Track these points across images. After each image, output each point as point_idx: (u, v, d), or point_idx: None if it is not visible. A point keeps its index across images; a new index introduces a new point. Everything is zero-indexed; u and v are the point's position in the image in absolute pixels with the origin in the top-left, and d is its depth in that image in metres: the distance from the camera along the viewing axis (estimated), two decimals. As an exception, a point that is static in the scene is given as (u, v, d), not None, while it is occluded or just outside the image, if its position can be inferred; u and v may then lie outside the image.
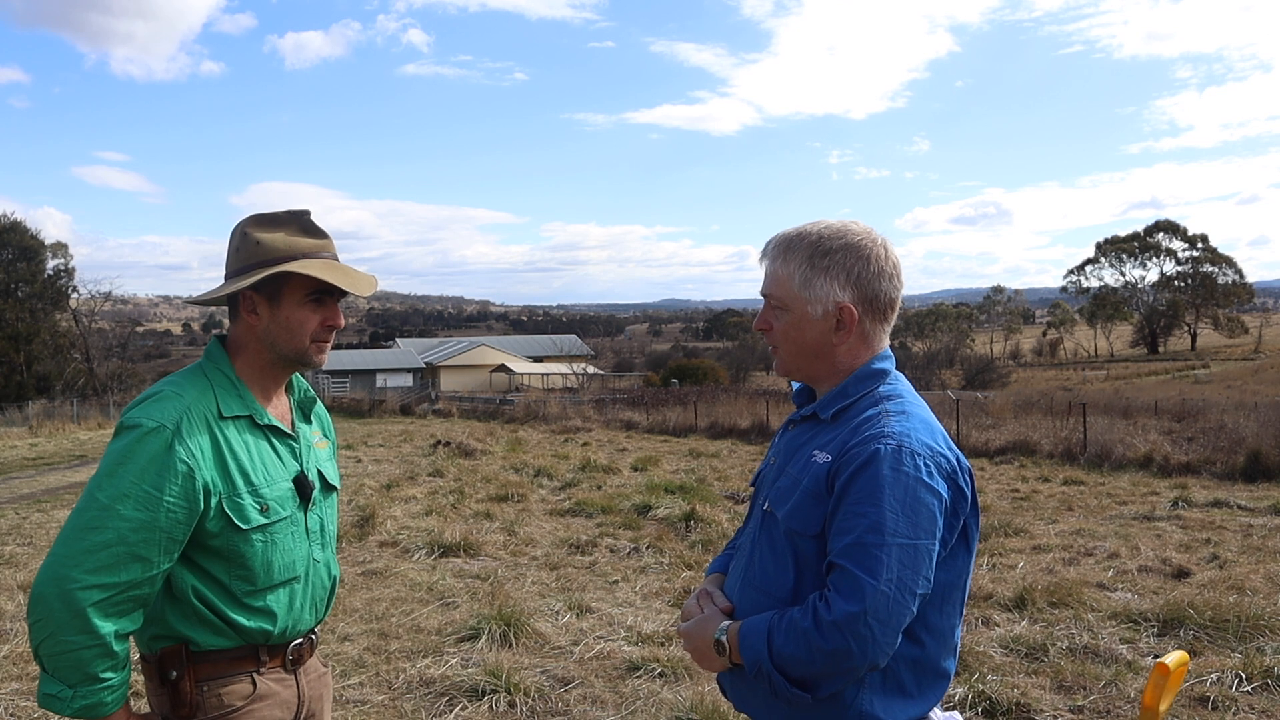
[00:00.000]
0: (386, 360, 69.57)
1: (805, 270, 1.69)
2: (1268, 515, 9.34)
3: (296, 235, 1.89)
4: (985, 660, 4.84)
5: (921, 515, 1.53)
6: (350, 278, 1.90)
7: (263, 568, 1.82)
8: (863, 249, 1.68)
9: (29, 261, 49.64)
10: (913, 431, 1.59)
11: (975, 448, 16.21)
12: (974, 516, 1.66)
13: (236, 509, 1.77)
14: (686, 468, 14.60)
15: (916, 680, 1.62)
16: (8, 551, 8.23)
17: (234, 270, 1.88)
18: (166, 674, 1.76)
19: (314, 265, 1.86)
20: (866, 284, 1.68)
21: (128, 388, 46.81)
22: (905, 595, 1.51)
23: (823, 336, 1.70)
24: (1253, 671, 4.49)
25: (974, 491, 1.65)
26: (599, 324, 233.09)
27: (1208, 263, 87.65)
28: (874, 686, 1.59)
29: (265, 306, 1.86)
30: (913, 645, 1.60)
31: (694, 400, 26.35)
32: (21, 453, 20.89)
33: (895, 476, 1.53)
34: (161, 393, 1.79)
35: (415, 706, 4.44)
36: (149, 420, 1.72)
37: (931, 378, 48.81)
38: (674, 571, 7.10)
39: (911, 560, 1.51)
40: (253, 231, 1.87)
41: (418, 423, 28.39)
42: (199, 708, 1.77)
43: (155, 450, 1.69)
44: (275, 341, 1.88)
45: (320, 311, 1.89)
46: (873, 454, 1.55)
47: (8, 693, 4.64)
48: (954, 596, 1.64)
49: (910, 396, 1.69)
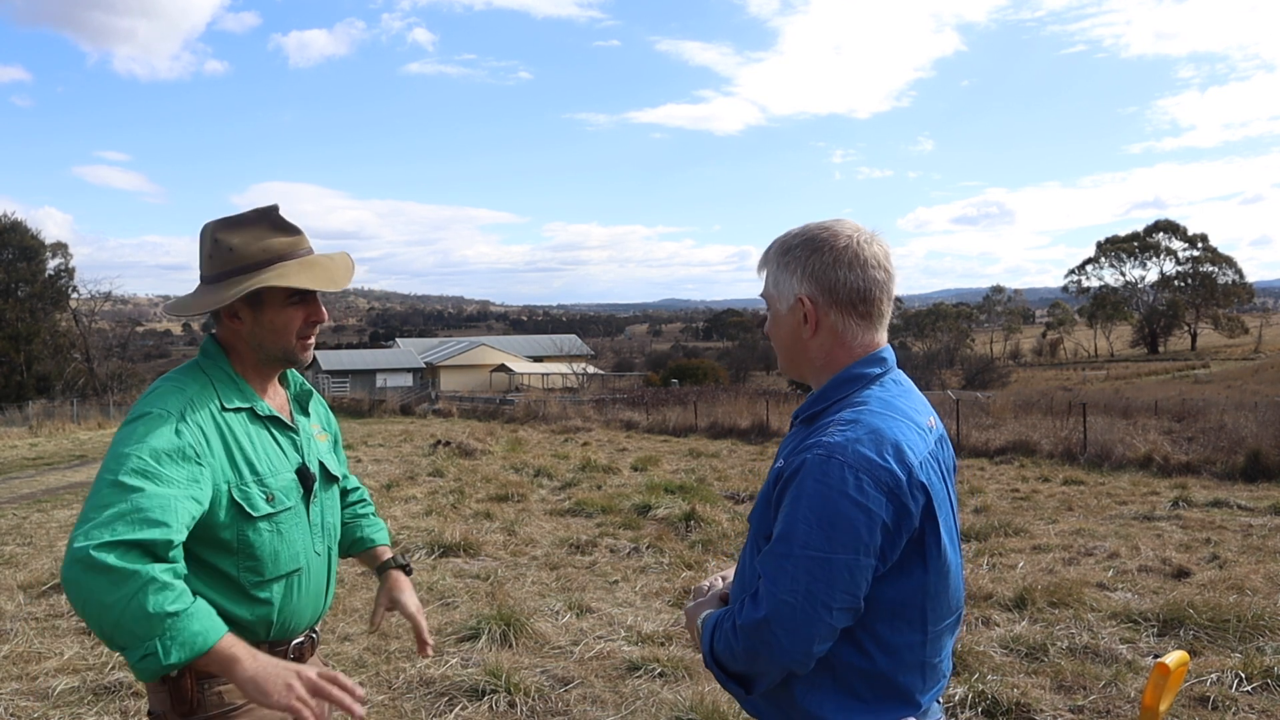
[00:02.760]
0: (386, 360, 69.54)
1: (774, 269, 1.73)
2: (1268, 515, 9.34)
3: (269, 235, 1.87)
4: (985, 660, 4.84)
5: (839, 529, 1.49)
6: (327, 272, 1.90)
7: (270, 558, 1.83)
8: (819, 241, 1.67)
9: (29, 261, 49.62)
10: (850, 443, 1.53)
11: (975, 448, 16.21)
12: (933, 530, 1.58)
13: (245, 497, 1.79)
14: (686, 468, 14.60)
15: (871, 690, 1.61)
16: (8, 551, 8.23)
17: (209, 276, 1.88)
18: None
19: (291, 269, 1.86)
20: (822, 274, 1.65)
21: (128, 388, 46.83)
22: (816, 608, 1.49)
23: (794, 332, 1.71)
24: (1253, 671, 4.49)
25: (930, 503, 1.56)
26: (599, 324, 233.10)
27: (1208, 262, 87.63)
28: (826, 690, 1.60)
29: (248, 311, 1.86)
30: (862, 657, 1.59)
31: (694, 400, 26.34)
32: (21, 453, 20.89)
33: (816, 488, 1.51)
34: (161, 388, 1.81)
35: (415, 706, 4.44)
36: (154, 409, 1.74)
37: (931, 378, 48.79)
38: (674, 571, 7.10)
39: (824, 574, 1.49)
40: (224, 237, 1.85)
41: (418, 422, 28.39)
42: (200, 705, 1.76)
43: (163, 432, 1.70)
44: (261, 343, 1.89)
45: (303, 309, 1.90)
46: (801, 464, 1.54)
47: (8, 693, 4.64)
48: (907, 614, 1.59)
49: (876, 404, 1.62)
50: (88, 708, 4.44)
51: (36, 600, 6.42)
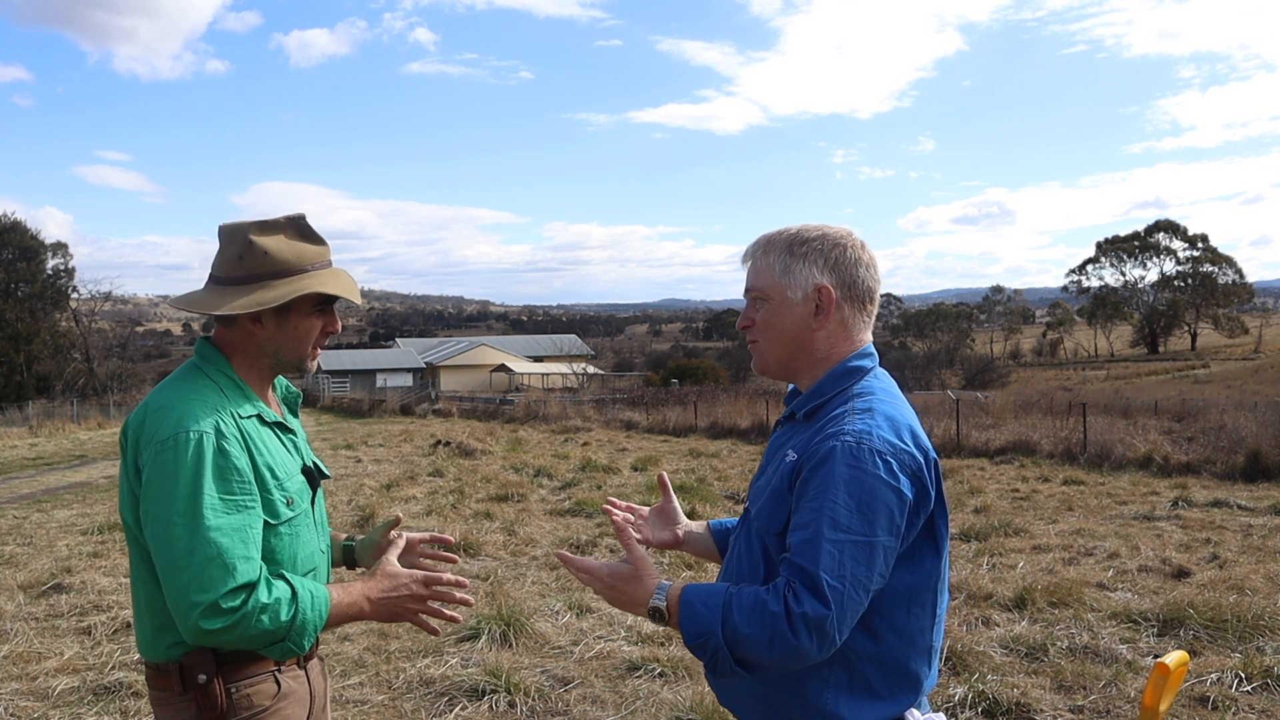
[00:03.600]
0: (386, 360, 69.55)
1: (785, 258, 1.73)
2: (1268, 515, 9.34)
3: (298, 242, 1.90)
4: (985, 660, 4.84)
5: (879, 511, 1.52)
6: (353, 286, 1.96)
7: (289, 562, 1.83)
8: (840, 239, 1.74)
9: (29, 261, 49.65)
10: (874, 428, 1.58)
11: (975, 448, 16.20)
12: (941, 514, 1.64)
13: (268, 504, 1.79)
14: (686, 467, 14.60)
15: (885, 681, 1.61)
16: (8, 551, 8.23)
17: (238, 278, 1.85)
18: (192, 679, 1.73)
19: (328, 278, 1.89)
20: (845, 269, 1.71)
21: (128, 388, 46.86)
22: (859, 591, 1.51)
23: (802, 322, 1.72)
24: (1253, 671, 4.49)
25: (940, 488, 1.64)
26: (599, 324, 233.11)
27: (1208, 262, 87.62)
28: (840, 686, 1.59)
29: (272, 317, 1.86)
30: (878, 645, 1.60)
31: (694, 400, 26.33)
32: (21, 453, 20.90)
33: (852, 473, 1.53)
34: (173, 405, 1.76)
35: (415, 706, 4.44)
36: (189, 427, 1.72)
37: (931, 377, 48.77)
38: (674, 572, 7.10)
39: (866, 557, 1.51)
40: (258, 239, 1.85)
41: (418, 422, 28.39)
42: (231, 710, 1.75)
43: (211, 455, 1.71)
44: (279, 350, 1.89)
45: (323, 319, 1.92)
46: (829, 451, 1.56)
47: (8, 693, 4.64)
48: (922, 599, 1.63)
49: (882, 394, 1.68)
50: (88, 708, 4.44)
51: (36, 600, 6.42)
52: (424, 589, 1.87)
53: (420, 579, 1.87)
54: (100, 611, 6.01)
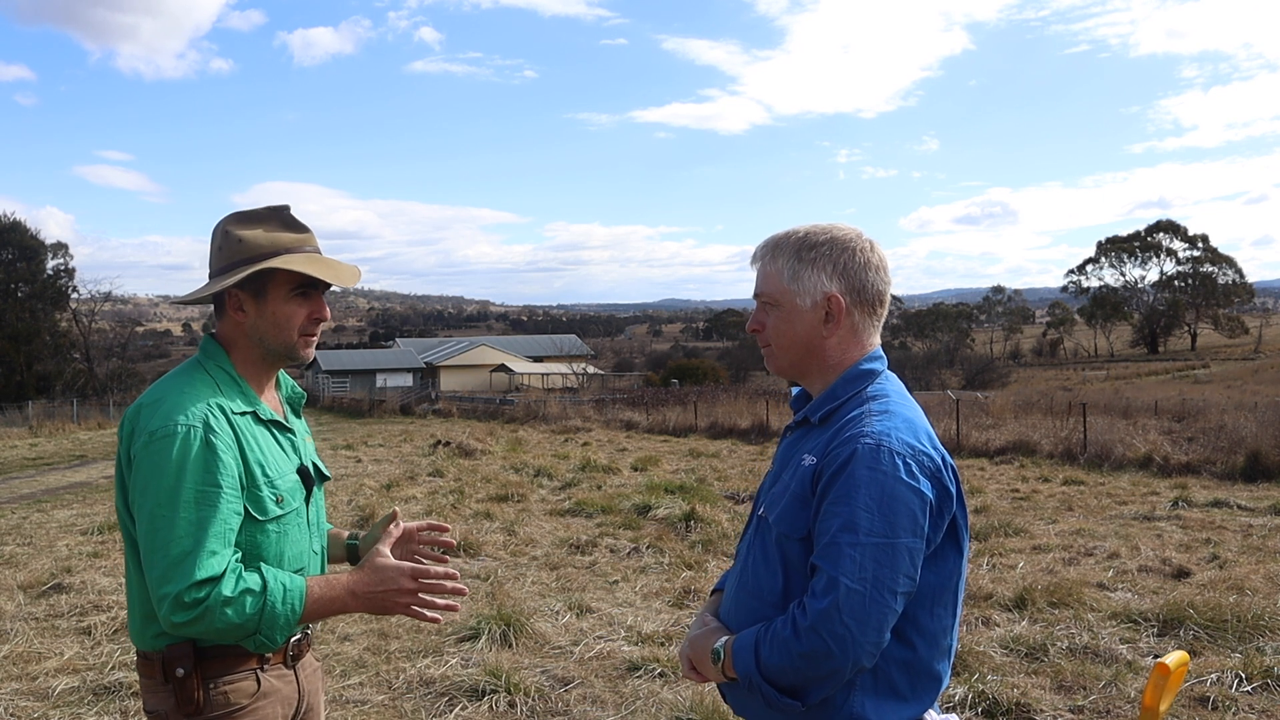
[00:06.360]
0: (386, 360, 69.54)
1: (793, 264, 1.72)
2: (1268, 515, 9.34)
3: (277, 230, 1.91)
4: (985, 660, 4.84)
5: (900, 513, 1.53)
6: (334, 270, 1.93)
7: (276, 560, 1.84)
8: (849, 242, 1.72)
9: (29, 261, 49.63)
10: (893, 430, 1.58)
11: (975, 448, 16.21)
12: (963, 514, 1.65)
13: (255, 501, 1.80)
14: (686, 468, 14.60)
15: (909, 682, 1.62)
16: (8, 551, 8.23)
17: (217, 269, 1.91)
18: (171, 671, 1.75)
19: (297, 259, 1.88)
20: (853, 274, 1.70)
21: (128, 388, 46.83)
22: (884, 593, 1.51)
23: (812, 329, 1.71)
24: (1253, 671, 4.49)
25: (960, 489, 1.64)
26: (599, 324, 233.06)
27: (1208, 262, 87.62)
28: (865, 688, 1.59)
29: (251, 303, 1.88)
30: (903, 647, 1.60)
31: (694, 400, 26.34)
32: (21, 453, 20.91)
33: (871, 475, 1.53)
34: (166, 398, 1.79)
35: (415, 706, 4.44)
36: (179, 421, 1.74)
37: (931, 378, 48.73)
38: (674, 571, 7.10)
39: (889, 559, 1.51)
40: (234, 229, 1.89)
41: (418, 423, 28.39)
42: (205, 705, 1.76)
43: (196, 450, 1.72)
44: (264, 337, 1.90)
45: (306, 305, 1.92)
46: (850, 454, 1.56)
47: (8, 693, 4.64)
48: (944, 599, 1.64)
49: (897, 396, 1.69)
50: (88, 708, 4.44)
51: (36, 600, 6.42)
52: (412, 582, 1.85)
53: (408, 571, 1.86)
54: (100, 611, 6.01)
